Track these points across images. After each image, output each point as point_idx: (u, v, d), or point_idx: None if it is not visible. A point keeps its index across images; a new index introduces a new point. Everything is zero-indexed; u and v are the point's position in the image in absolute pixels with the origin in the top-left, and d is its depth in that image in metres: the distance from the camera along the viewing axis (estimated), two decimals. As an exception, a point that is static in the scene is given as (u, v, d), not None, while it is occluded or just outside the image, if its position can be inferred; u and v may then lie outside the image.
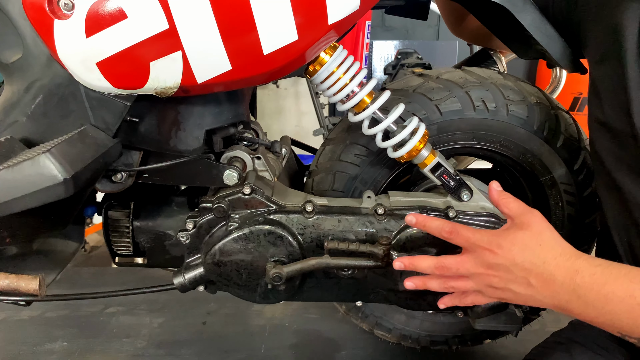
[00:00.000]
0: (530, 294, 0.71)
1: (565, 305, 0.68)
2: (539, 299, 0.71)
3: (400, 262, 0.80)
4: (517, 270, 0.70)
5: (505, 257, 0.71)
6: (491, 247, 0.72)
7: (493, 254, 0.72)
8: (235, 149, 1.02)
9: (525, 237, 0.71)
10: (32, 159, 0.71)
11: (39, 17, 0.72)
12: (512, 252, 0.71)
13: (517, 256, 0.70)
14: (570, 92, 3.42)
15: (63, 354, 1.42)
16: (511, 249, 0.71)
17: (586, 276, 0.66)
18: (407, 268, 0.80)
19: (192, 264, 0.98)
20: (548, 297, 0.69)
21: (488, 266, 0.73)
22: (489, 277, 0.73)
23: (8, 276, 0.86)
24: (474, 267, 0.74)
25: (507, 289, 0.72)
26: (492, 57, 1.35)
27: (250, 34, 0.74)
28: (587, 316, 0.67)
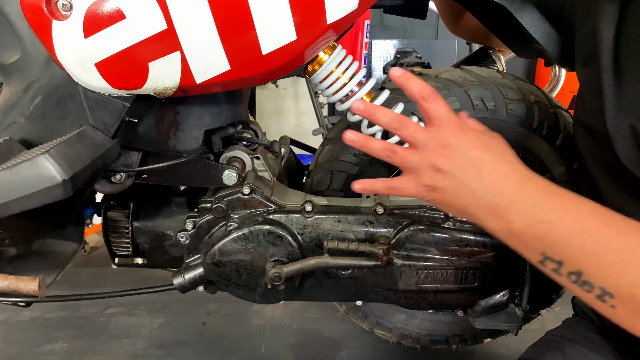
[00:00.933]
0: (473, 187, 0.64)
1: (504, 208, 0.63)
2: (478, 195, 0.64)
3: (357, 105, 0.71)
4: (475, 157, 0.65)
5: (470, 141, 0.66)
6: (461, 126, 0.67)
7: (459, 133, 0.66)
8: (234, 149, 1.02)
9: (495, 137, 0.69)
10: (30, 160, 0.71)
11: (37, 18, 0.72)
12: (479, 139, 0.66)
13: (480, 144, 0.66)
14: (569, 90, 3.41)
15: (63, 355, 1.42)
16: (479, 136, 0.67)
17: (540, 183, 0.63)
18: (365, 113, 0.71)
19: (191, 264, 0.98)
20: (490, 194, 0.64)
21: (445, 144, 0.66)
22: (440, 155, 0.66)
23: (7, 277, 0.86)
24: (431, 138, 0.67)
25: (450, 174, 0.65)
26: (491, 56, 1.35)
27: (248, 33, 0.74)
28: (521, 223, 0.62)
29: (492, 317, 1.00)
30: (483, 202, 0.64)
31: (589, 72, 0.77)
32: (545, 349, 0.89)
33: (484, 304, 0.99)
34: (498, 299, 0.98)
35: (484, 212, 0.65)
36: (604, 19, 0.72)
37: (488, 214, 0.64)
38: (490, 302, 0.99)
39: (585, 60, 0.79)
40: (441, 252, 0.95)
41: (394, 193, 0.72)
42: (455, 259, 0.95)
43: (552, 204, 0.61)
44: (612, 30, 0.71)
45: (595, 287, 0.57)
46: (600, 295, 0.57)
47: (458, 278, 0.96)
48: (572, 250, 0.58)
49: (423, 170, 0.67)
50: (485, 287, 0.97)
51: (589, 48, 0.77)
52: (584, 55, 0.80)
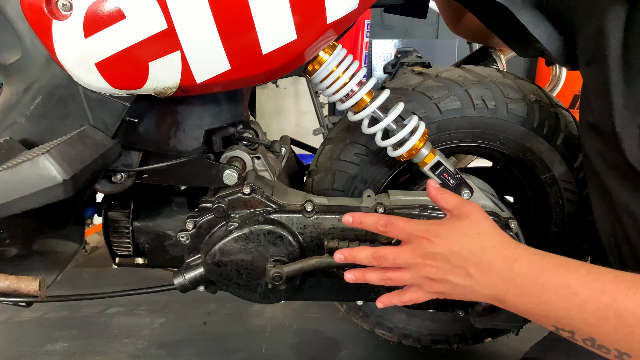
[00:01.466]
0: (469, 285, 0.68)
1: (504, 296, 0.67)
2: (476, 290, 0.69)
3: (340, 254, 0.76)
4: (455, 259, 0.68)
5: (443, 245, 0.69)
6: (428, 235, 0.70)
7: (430, 243, 0.69)
8: (234, 148, 1.02)
9: (463, 225, 0.70)
10: (31, 160, 0.71)
11: (37, 18, 0.72)
12: (449, 239, 0.69)
13: (454, 244, 0.69)
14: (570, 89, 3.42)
15: (64, 355, 1.42)
16: (448, 236, 0.69)
17: (524, 264, 0.65)
18: (347, 260, 0.76)
19: (192, 264, 0.98)
20: (486, 287, 0.68)
21: (425, 255, 0.70)
22: (427, 267, 0.70)
23: (8, 277, 0.86)
24: (411, 257, 0.71)
25: (445, 280, 0.70)
26: (492, 56, 1.35)
27: (249, 33, 0.74)
28: (523, 307, 0.66)
29: (493, 316, 1.00)
30: (484, 295, 0.69)
31: (595, 72, 0.76)
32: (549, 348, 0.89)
33: (485, 303, 0.98)
34: (499, 298, 0.98)
35: (490, 300, 0.69)
36: (610, 18, 0.72)
37: (494, 300, 0.69)
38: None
39: (589, 60, 0.79)
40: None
41: (410, 303, 0.75)
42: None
43: (541, 284, 0.64)
44: (620, 30, 0.71)
45: (611, 349, 0.60)
46: (619, 355, 0.60)
47: (459, 277, 0.96)
48: (577, 322, 0.62)
49: (422, 283, 0.72)
50: (486, 287, 0.97)
51: (594, 48, 0.76)
52: (588, 55, 0.80)
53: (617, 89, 0.71)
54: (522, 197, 1.21)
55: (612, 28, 0.72)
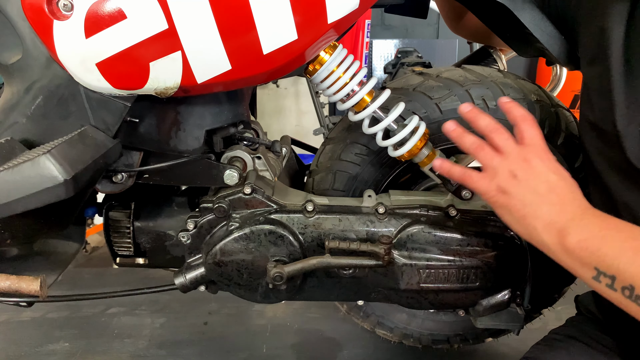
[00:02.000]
0: (537, 202, 0.70)
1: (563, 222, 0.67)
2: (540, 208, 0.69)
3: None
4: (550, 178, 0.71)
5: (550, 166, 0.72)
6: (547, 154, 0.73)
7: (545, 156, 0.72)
8: (235, 148, 1.02)
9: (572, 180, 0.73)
10: (32, 160, 0.71)
11: (38, 18, 0.72)
12: (559, 170, 0.72)
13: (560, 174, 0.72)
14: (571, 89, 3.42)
15: (65, 355, 1.43)
16: (559, 168, 0.72)
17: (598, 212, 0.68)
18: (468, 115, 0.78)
19: (193, 264, 0.98)
20: (553, 210, 0.69)
21: (528, 159, 0.72)
22: (520, 164, 0.72)
23: (9, 277, 0.86)
24: (518, 149, 0.73)
25: (524, 182, 0.71)
26: (492, 55, 1.35)
27: (249, 33, 0.74)
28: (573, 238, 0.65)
29: (493, 316, 1.00)
30: (545, 215, 0.69)
31: (597, 71, 0.77)
32: (549, 347, 0.89)
33: (486, 303, 0.99)
34: (499, 298, 0.98)
35: (542, 225, 0.69)
36: (613, 18, 0.72)
37: (546, 227, 0.68)
38: (492, 301, 0.99)
39: (591, 59, 0.79)
40: (442, 251, 0.95)
41: (467, 182, 0.76)
42: (457, 259, 0.95)
43: (607, 224, 0.65)
44: (622, 29, 0.71)
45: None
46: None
47: (459, 277, 0.96)
48: (624, 264, 0.60)
49: (501, 172, 0.72)
50: (486, 287, 0.97)
51: (596, 47, 0.77)
52: (589, 54, 0.80)
53: (619, 88, 0.71)
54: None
55: (614, 27, 0.72)
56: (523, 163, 0.72)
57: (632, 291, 0.60)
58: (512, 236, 0.96)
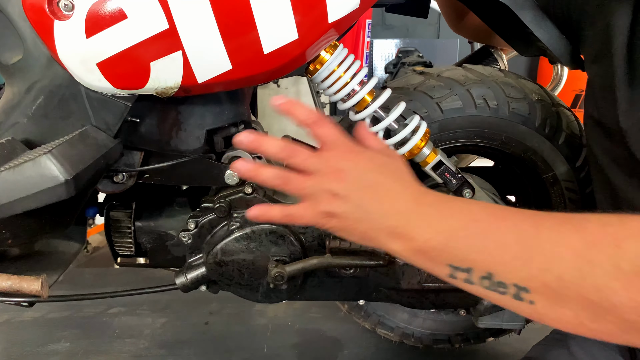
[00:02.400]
0: (370, 211, 0.62)
1: (404, 226, 0.61)
2: (375, 219, 0.62)
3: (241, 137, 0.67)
4: (370, 179, 0.63)
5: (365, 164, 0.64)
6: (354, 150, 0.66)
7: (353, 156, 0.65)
8: (236, 148, 1.02)
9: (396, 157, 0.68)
10: (33, 160, 0.71)
11: (39, 18, 0.72)
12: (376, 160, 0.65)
13: (377, 165, 0.65)
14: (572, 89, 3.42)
15: (66, 355, 1.43)
16: (375, 157, 0.66)
17: (432, 196, 0.62)
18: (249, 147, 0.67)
19: (194, 264, 0.98)
20: (389, 215, 0.61)
21: (339, 169, 0.63)
22: (334, 179, 0.63)
23: (10, 277, 0.86)
24: (324, 162, 0.64)
25: (347, 198, 0.62)
26: (493, 55, 1.35)
27: (250, 33, 0.74)
28: (421, 237, 0.59)
29: (494, 316, 1.00)
30: (383, 225, 0.62)
31: (601, 69, 0.77)
32: (550, 347, 0.89)
33: (487, 303, 0.99)
34: (501, 298, 0.98)
35: (385, 235, 0.62)
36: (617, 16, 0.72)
37: (389, 236, 0.62)
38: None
39: (595, 57, 0.80)
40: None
41: (291, 221, 0.66)
42: (458, 258, 0.95)
43: (446, 212, 0.60)
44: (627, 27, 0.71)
45: (509, 285, 0.55)
46: (516, 293, 0.55)
47: (460, 277, 0.96)
48: (475, 253, 0.57)
49: (320, 196, 0.64)
50: (487, 286, 0.97)
51: (601, 45, 0.77)
52: (594, 52, 0.80)
53: (623, 86, 0.71)
54: (523, 197, 1.21)
55: (619, 25, 0.72)
56: (336, 175, 0.63)
57: (490, 279, 0.55)
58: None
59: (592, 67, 0.82)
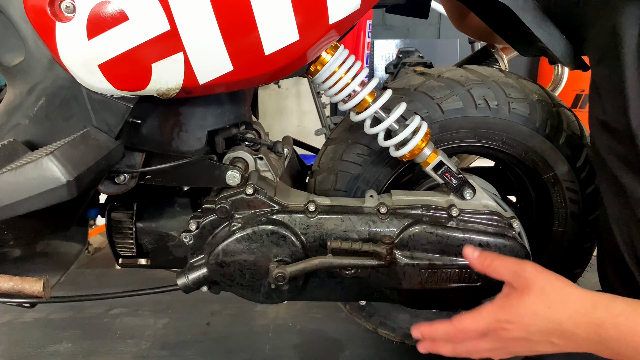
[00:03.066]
0: (558, 349, 0.68)
1: (597, 353, 0.66)
2: (569, 352, 0.68)
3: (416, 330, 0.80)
4: (537, 337, 0.68)
5: (519, 330, 0.68)
6: (501, 325, 0.70)
7: (506, 331, 0.69)
8: (237, 149, 1.02)
9: (529, 302, 0.68)
10: (35, 161, 0.71)
11: (40, 20, 0.72)
12: (523, 323, 0.68)
13: (530, 326, 0.68)
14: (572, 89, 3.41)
15: (68, 356, 1.43)
16: (521, 321, 0.68)
17: (610, 329, 0.63)
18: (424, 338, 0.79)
19: (195, 264, 0.98)
20: (576, 348, 0.67)
21: (507, 340, 0.70)
22: (514, 348, 0.71)
23: (12, 278, 0.86)
24: (492, 344, 0.72)
25: (534, 351, 0.70)
26: (494, 55, 1.35)
27: (251, 34, 0.74)
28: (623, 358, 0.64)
29: (496, 316, 1.00)
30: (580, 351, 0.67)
31: (607, 70, 0.77)
32: None
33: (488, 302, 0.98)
34: (502, 298, 0.98)
35: None
36: (625, 17, 0.72)
37: None
38: (494, 301, 0.98)
39: (601, 58, 0.79)
40: (444, 251, 0.95)
41: None
42: (459, 258, 0.95)
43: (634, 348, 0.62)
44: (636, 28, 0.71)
45: None
46: None
47: (461, 277, 0.96)
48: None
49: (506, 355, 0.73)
50: (488, 286, 0.97)
51: (607, 46, 0.77)
52: (599, 53, 0.80)
53: (632, 87, 0.71)
54: (524, 197, 1.21)
55: (627, 26, 0.72)
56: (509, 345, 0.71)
57: None
58: (514, 235, 0.96)
59: (597, 68, 0.82)
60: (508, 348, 0.71)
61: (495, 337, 0.71)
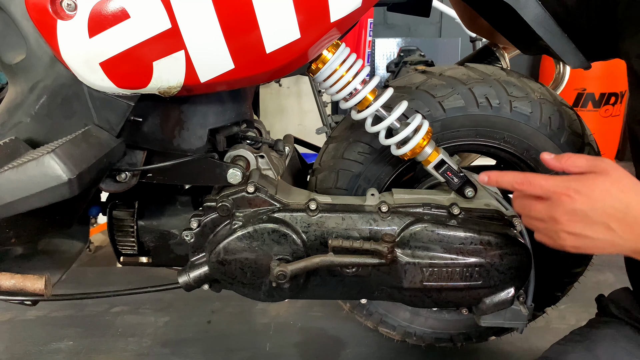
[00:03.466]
0: (610, 239, 0.69)
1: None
2: (618, 243, 0.69)
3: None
4: (597, 216, 0.69)
5: (585, 202, 0.69)
6: (569, 192, 0.70)
7: (571, 199, 0.69)
8: (238, 147, 1.02)
9: (605, 182, 0.69)
10: (36, 159, 0.71)
11: (41, 18, 0.73)
12: (592, 196, 0.69)
13: (597, 201, 0.68)
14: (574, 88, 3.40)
15: (69, 353, 1.43)
16: (591, 194, 0.69)
17: None
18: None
19: (196, 262, 0.98)
20: (630, 240, 0.69)
21: (565, 212, 0.70)
22: (568, 224, 0.71)
23: (14, 276, 0.86)
24: (548, 211, 0.72)
25: (583, 235, 0.70)
26: (495, 54, 1.35)
27: (252, 32, 0.74)
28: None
29: (497, 314, 1.00)
30: (625, 247, 0.70)
31: None
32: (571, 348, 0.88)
33: (489, 301, 0.99)
34: (503, 296, 0.98)
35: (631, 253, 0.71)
36: None
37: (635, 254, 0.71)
38: (495, 299, 0.98)
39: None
40: (446, 250, 0.95)
41: None
42: (460, 257, 0.95)
43: None
44: None
45: None
46: None
47: (463, 276, 0.96)
48: None
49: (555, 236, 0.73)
50: (490, 285, 0.97)
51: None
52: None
53: None
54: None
55: None
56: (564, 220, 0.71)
57: None
58: (515, 234, 0.96)
59: None
60: (559, 224, 0.71)
61: (556, 203, 0.71)
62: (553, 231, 0.73)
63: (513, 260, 0.95)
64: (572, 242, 0.72)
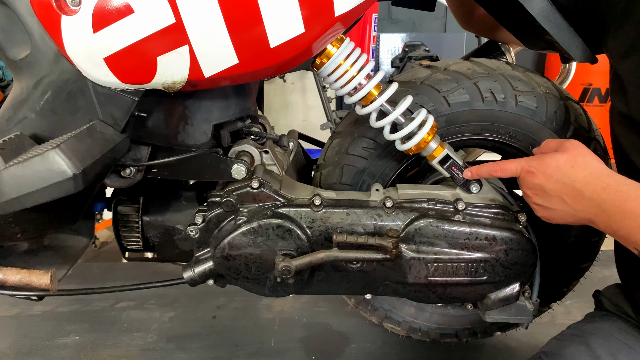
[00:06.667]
0: (566, 209, 0.79)
1: (594, 219, 0.76)
2: (573, 214, 0.79)
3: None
4: (551, 189, 0.79)
5: (541, 178, 0.80)
6: (530, 169, 0.82)
7: (531, 175, 0.82)
8: (243, 143, 1.02)
9: (560, 159, 0.79)
10: (41, 154, 0.71)
11: (46, 13, 0.73)
12: (545, 173, 0.80)
13: (550, 177, 0.79)
14: (580, 82, 3.39)
15: (75, 348, 1.44)
16: (545, 170, 0.80)
17: (612, 192, 0.73)
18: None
19: (201, 258, 0.99)
20: (580, 211, 0.77)
21: (528, 187, 0.83)
22: (533, 197, 0.83)
23: (20, 271, 0.87)
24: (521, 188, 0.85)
25: (546, 207, 0.82)
26: (501, 48, 1.34)
27: (256, 27, 0.74)
28: (609, 229, 0.74)
29: (502, 310, 1.00)
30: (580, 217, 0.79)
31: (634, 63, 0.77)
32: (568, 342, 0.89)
33: (494, 297, 0.98)
34: (508, 292, 0.98)
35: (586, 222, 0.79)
36: None
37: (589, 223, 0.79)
38: (500, 295, 0.98)
39: (628, 51, 0.79)
40: (450, 245, 0.95)
41: None
42: (465, 252, 0.95)
43: (624, 211, 0.71)
44: None
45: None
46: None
47: (468, 271, 0.96)
48: None
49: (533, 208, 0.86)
50: (495, 280, 0.97)
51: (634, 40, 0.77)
52: (626, 46, 0.80)
53: None
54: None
55: None
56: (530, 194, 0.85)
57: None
58: (520, 229, 0.95)
59: (623, 62, 0.81)
60: (528, 197, 0.85)
61: (523, 180, 0.84)
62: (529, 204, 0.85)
63: (518, 255, 0.95)
64: (542, 212, 0.84)
